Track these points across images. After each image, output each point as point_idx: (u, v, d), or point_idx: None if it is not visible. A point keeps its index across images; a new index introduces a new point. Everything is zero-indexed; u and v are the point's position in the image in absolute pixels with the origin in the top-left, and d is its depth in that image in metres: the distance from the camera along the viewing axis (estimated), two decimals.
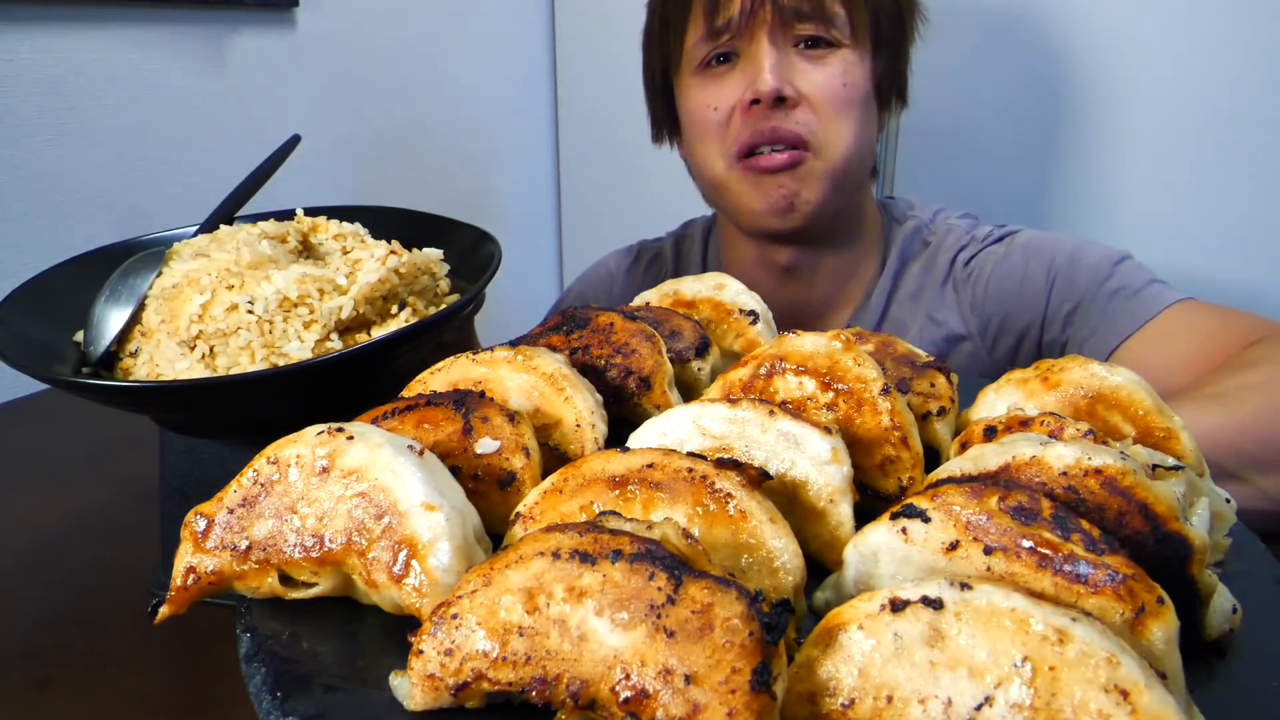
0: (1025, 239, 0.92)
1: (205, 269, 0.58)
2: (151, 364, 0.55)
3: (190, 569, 0.36)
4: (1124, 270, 0.84)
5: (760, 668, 0.26)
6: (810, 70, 0.87)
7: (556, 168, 2.00)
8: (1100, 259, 0.86)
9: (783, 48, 0.87)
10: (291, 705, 0.30)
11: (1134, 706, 0.24)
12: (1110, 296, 0.82)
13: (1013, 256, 0.91)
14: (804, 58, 0.87)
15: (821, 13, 0.86)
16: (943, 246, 0.97)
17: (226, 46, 1.25)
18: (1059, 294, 0.86)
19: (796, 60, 0.87)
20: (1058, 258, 0.87)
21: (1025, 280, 0.88)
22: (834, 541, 0.37)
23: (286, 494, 0.35)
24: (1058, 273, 0.87)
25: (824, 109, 0.86)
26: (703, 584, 0.27)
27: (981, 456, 0.36)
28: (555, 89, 1.94)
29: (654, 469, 0.35)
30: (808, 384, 0.44)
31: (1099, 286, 0.83)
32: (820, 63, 0.87)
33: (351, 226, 0.69)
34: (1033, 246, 0.90)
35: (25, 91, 1.03)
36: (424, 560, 0.33)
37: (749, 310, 0.58)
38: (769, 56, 0.85)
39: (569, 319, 0.54)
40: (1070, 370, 0.44)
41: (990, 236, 0.95)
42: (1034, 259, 0.89)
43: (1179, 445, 0.41)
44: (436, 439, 0.40)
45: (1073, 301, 0.85)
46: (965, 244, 0.95)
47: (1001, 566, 0.30)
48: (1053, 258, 0.88)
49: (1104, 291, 0.83)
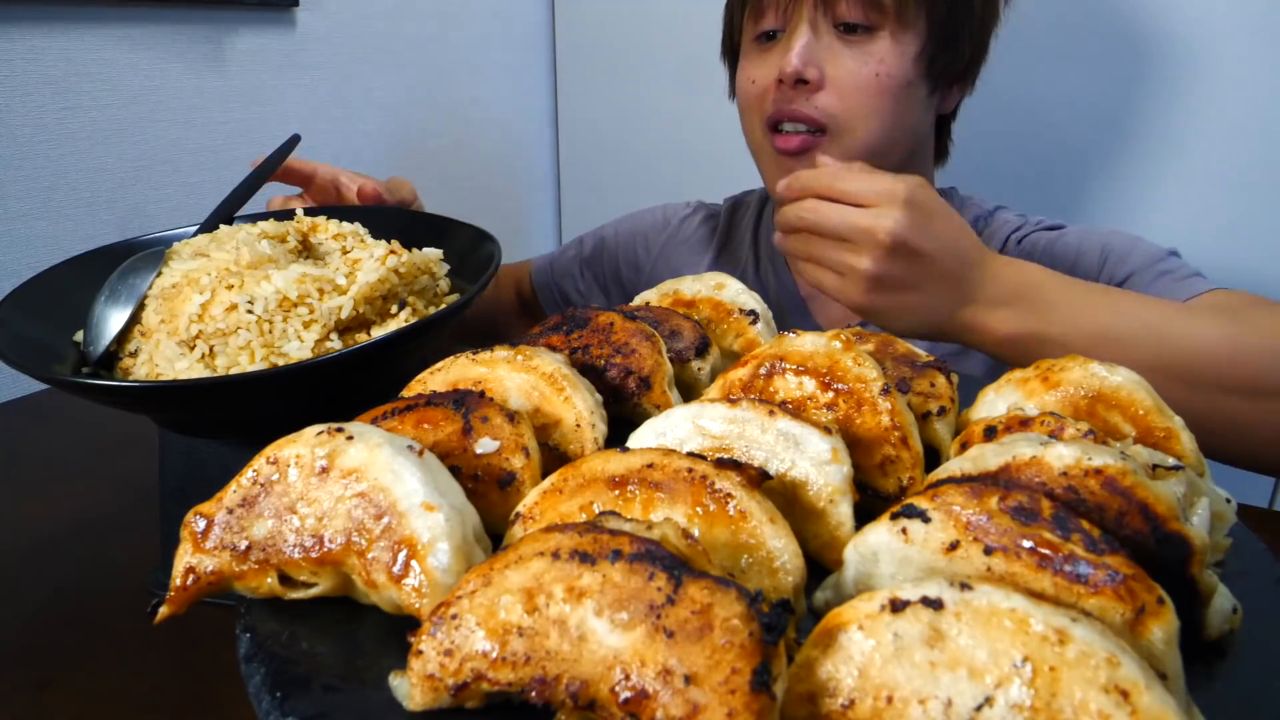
0: (1080, 228, 0.93)
1: (205, 269, 0.58)
2: (151, 364, 0.55)
3: (190, 569, 0.36)
4: (1173, 261, 0.85)
5: (760, 668, 0.26)
6: (844, 55, 0.87)
7: (556, 168, 2.00)
8: (1152, 248, 0.87)
9: (820, 30, 0.87)
10: (291, 705, 0.30)
11: (1134, 707, 0.24)
12: (1159, 276, 0.83)
13: (1067, 237, 0.91)
14: (841, 40, 0.87)
15: None
16: (996, 234, 0.97)
17: (226, 46, 1.25)
18: (1111, 267, 0.87)
19: (833, 43, 0.87)
20: (1112, 240, 0.88)
21: (1080, 255, 0.89)
22: (834, 541, 0.37)
23: (286, 494, 0.35)
24: (1110, 252, 0.87)
25: (850, 95, 0.86)
26: (702, 584, 0.27)
27: (981, 456, 0.36)
28: (555, 89, 1.94)
29: (654, 469, 0.35)
30: (807, 384, 0.44)
31: (1150, 267, 0.85)
32: (856, 48, 0.87)
33: (351, 226, 0.69)
34: (1087, 232, 0.91)
35: (25, 91, 1.03)
36: (423, 560, 0.33)
37: (749, 310, 0.58)
38: (801, 38, 0.86)
39: (569, 319, 0.54)
40: (1070, 370, 0.44)
41: (1043, 224, 0.96)
42: (1088, 241, 0.90)
43: (1179, 445, 0.41)
44: (436, 439, 0.40)
45: (1125, 273, 0.85)
46: (1019, 226, 0.96)
47: (1001, 567, 0.30)
48: (1107, 240, 0.89)
49: (1152, 272, 0.84)
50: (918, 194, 0.69)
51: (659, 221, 1.17)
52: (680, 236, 1.15)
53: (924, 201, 0.69)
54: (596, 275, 1.20)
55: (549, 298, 1.23)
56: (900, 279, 0.69)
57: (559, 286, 1.22)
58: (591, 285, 1.21)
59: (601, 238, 1.21)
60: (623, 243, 1.19)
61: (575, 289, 1.21)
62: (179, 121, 1.20)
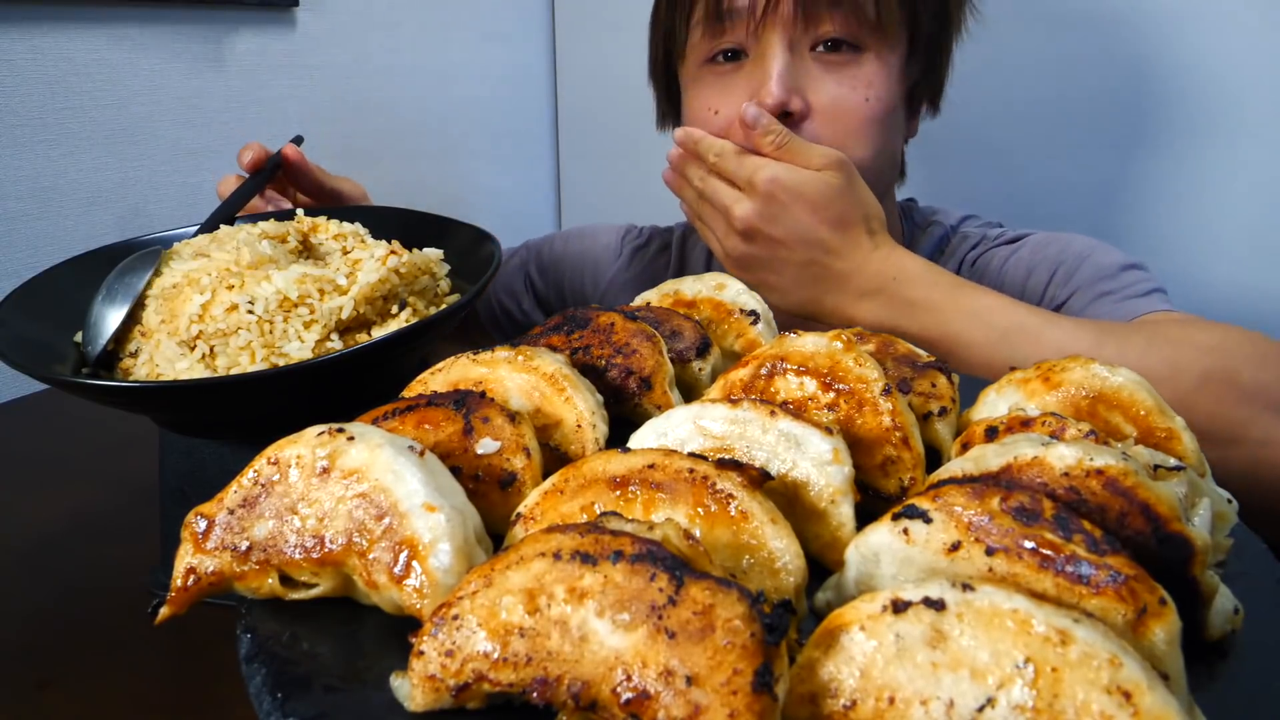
0: (1039, 238, 0.88)
1: (205, 269, 0.58)
2: (151, 364, 0.55)
3: (190, 569, 0.35)
4: (1129, 276, 0.80)
5: (762, 669, 0.26)
6: (827, 79, 0.78)
7: (556, 167, 2.00)
8: (1110, 261, 0.82)
9: (799, 50, 0.78)
10: (292, 706, 0.30)
11: (1136, 708, 0.24)
12: (1097, 297, 0.79)
13: (1021, 252, 0.88)
14: (821, 63, 0.78)
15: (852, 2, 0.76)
16: (956, 252, 0.94)
17: (226, 46, 1.25)
18: (1054, 287, 0.83)
19: (812, 66, 0.79)
20: (1067, 254, 0.84)
21: (1030, 274, 0.86)
22: (835, 542, 0.37)
23: (287, 494, 0.35)
24: (1059, 266, 0.84)
25: (839, 125, 0.79)
26: (704, 585, 0.27)
27: (983, 457, 0.36)
28: (555, 88, 1.94)
29: (655, 469, 0.35)
30: (809, 384, 0.44)
31: (1093, 285, 0.80)
32: (840, 71, 0.78)
33: (351, 226, 0.69)
34: (1043, 243, 0.87)
35: (25, 91, 1.03)
36: (425, 561, 0.33)
37: (750, 310, 0.57)
38: (778, 61, 0.77)
39: (569, 319, 0.54)
40: (1071, 370, 0.44)
41: (1003, 237, 0.91)
42: (1043, 254, 0.86)
43: (1180, 446, 0.41)
44: (437, 439, 0.40)
45: (1066, 295, 0.82)
46: (976, 243, 0.93)
47: (1003, 567, 0.30)
48: (1061, 253, 0.84)
49: (1094, 291, 0.80)
50: (779, 185, 0.70)
51: (611, 249, 1.09)
52: (632, 270, 1.07)
53: (780, 194, 0.71)
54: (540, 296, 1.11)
55: (488, 313, 1.13)
56: (757, 259, 0.73)
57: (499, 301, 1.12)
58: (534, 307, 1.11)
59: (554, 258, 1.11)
60: (570, 266, 1.10)
61: (519, 307, 1.12)
62: (179, 121, 1.20)
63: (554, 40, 1.90)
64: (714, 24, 0.80)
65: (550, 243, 1.13)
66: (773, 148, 0.73)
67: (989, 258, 0.91)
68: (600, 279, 1.08)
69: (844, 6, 0.76)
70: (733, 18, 0.79)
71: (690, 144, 0.76)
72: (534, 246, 1.13)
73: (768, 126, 0.73)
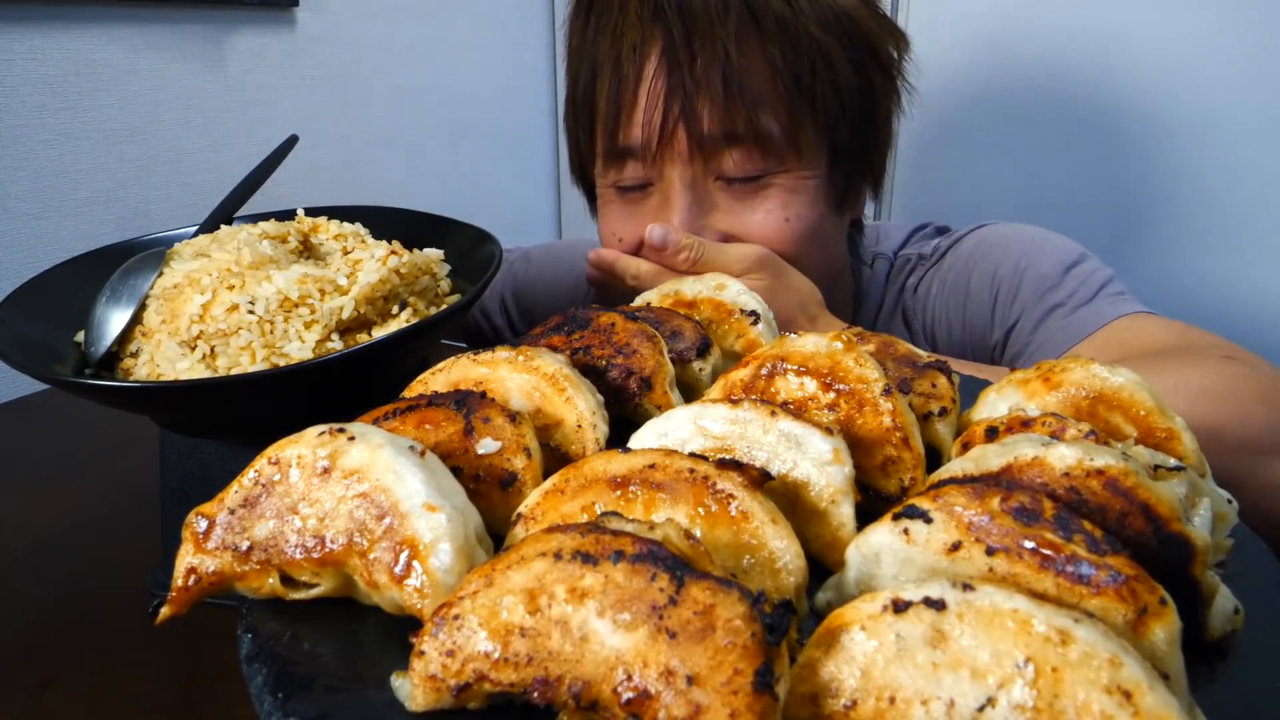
0: (971, 244, 0.83)
1: (206, 269, 0.58)
2: (152, 364, 0.55)
3: (191, 569, 0.36)
4: (1073, 278, 0.76)
5: (762, 669, 0.26)
6: (740, 210, 0.74)
7: (556, 167, 2.00)
8: (1050, 266, 0.77)
9: (702, 184, 0.73)
10: (292, 706, 0.30)
11: (1137, 708, 0.24)
12: (1046, 314, 0.75)
13: (956, 269, 0.83)
14: (730, 194, 0.74)
15: (753, 132, 0.70)
16: (897, 280, 0.89)
17: (226, 46, 1.25)
18: (1001, 310, 0.79)
19: (720, 198, 0.74)
20: (1003, 267, 0.79)
21: (969, 297, 0.81)
22: (836, 542, 0.37)
23: (287, 494, 0.35)
24: (1001, 284, 0.79)
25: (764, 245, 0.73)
26: (705, 585, 0.27)
27: (983, 457, 0.36)
28: (555, 88, 1.94)
29: (655, 469, 0.35)
30: (809, 384, 0.44)
31: (1038, 300, 0.76)
32: (752, 200, 0.74)
33: (352, 226, 0.69)
34: (977, 254, 0.82)
35: (25, 91, 1.03)
36: (425, 561, 0.33)
37: (750, 310, 0.57)
38: (681, 198, 0.72)
39: (570, 319, 0.54)
40: (1072, 370, 0.44)
41: (937, 251, 0.86)
42: (978, 269, 0.81)
43: (1180, 446, 0.41)
44: (438, 439, 0.40)
45: (1014, 317, 0.78)
46: (914, 268, 0.88)
47: (1004, 567, 0.30)
48: (997, 268, 0.80)
49: (1042, 306, 0.75)
50: None
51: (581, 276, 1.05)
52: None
53: None
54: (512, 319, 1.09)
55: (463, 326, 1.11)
56: None
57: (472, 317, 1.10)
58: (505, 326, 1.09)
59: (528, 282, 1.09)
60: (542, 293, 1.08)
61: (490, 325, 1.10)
62: (179, 121, 1.20)
63: (554, 40, 1.90)
64: (613, 160, 0.77)
65: (527, 262, 1.09)
66: (688, 265, 0.68)
67: (927, 282, 0.86)
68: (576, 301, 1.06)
69: (745, 141, 0.71)
70: (631, 155, 0.75)
71: (605, 267, 0.73)
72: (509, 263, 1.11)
73: (677, 245, 0.68)
